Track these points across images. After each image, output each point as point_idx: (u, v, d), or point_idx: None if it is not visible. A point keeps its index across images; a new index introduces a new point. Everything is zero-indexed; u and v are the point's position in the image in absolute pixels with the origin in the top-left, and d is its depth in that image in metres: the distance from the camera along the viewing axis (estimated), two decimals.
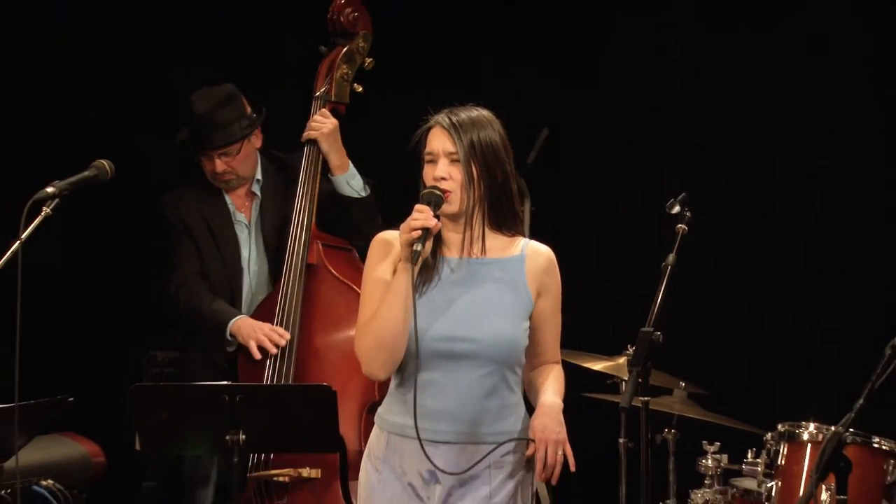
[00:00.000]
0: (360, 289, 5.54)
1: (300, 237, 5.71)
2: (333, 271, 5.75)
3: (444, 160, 4.22)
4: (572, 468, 4.22)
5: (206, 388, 5.25)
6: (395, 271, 4.22)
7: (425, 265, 4.25)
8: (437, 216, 4.18)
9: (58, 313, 6.00)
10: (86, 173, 4.87)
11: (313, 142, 5.73)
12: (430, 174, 4.23)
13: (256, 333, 5.59)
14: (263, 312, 5.73)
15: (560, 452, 4.18)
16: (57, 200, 4.73)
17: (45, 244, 4.70)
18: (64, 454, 5.35)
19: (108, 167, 4.92)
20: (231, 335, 5.65)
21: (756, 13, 6.47)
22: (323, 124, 5.71)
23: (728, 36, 6.53)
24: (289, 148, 5.91)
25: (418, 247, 4.10)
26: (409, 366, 4.26)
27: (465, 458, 4.22)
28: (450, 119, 4.25)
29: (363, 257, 5.68)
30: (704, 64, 6.54)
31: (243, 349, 5.62)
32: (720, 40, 6.54)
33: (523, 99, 5.41)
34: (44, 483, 5.11)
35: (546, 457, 4.17)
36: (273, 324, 5.65)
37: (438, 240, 4.27)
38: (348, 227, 5.84)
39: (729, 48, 6.52)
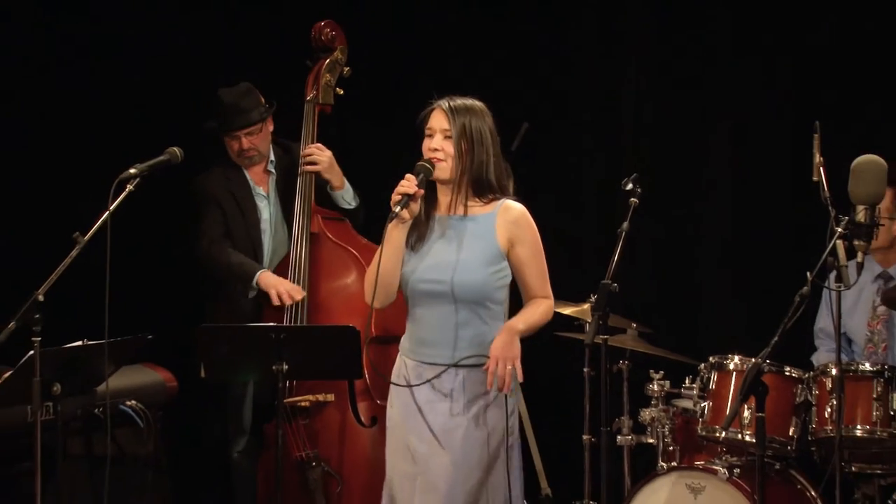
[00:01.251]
0: (354, 250, 5.71)
1: (304, 212, 5.74)
2: (332, 237, 5.79)
3: (439, 135, 4.28)
4: (520, 379, 4.23)
5: (258, 328, 5.28)
6: None
7: (419, 222, 4.31)
8: (429, 182, 4.26)
9: (139, 269, 6.00)
10: (161, 157, 4.90)
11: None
12: (427, 146, 4.29)
13: (278, 286, 5.61)
14: (279, 272, 5.75)
15: (509, 366, 4.17)
16: (138, 179, 4.76)
17: (128, 214, 4.75)
18: (144, 380, 5.38)
19: (178, 152, 4.95)
20: (256, 283, 5.66)
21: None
22: (321, 160, 5.73)
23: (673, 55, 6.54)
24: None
25: (397, 208, 4.17)
26: (408, 302, 4.37)
27: (445, 377, 4.27)
28: (449, 103, 4.30)
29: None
30: (655, 75, 6.53)
31: (266, 301, 5.64)
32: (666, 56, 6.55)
33: (507, 98, 5.39)
34: (128, 403, 5.15)
35: (497, 369, 4.17)
36: (288, 279, 5.69)
37: (433, 200, 4.34)
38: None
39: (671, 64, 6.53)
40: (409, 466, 4.32)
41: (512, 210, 4.32)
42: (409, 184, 4.19)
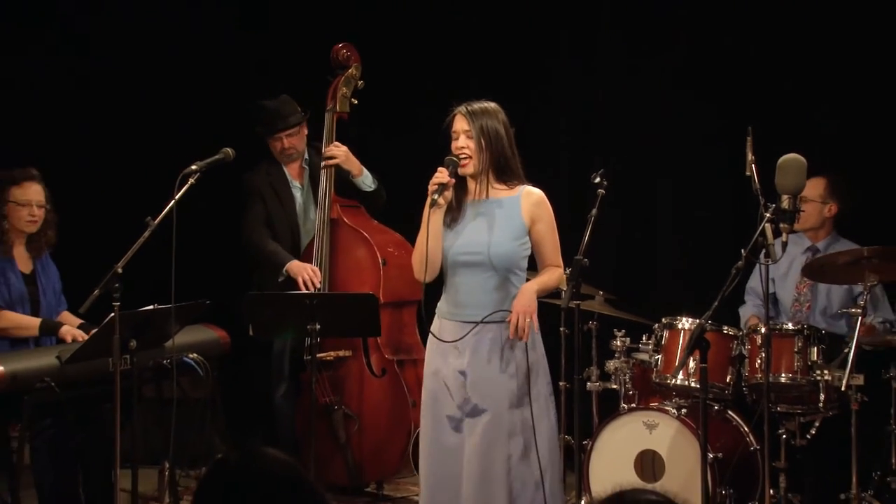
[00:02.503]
0: (364, 232, 5.71)
1: (325, 202, 5.76)
2: (347, 221, 5.81)
3: (463, 136, 4.27)
4: (536, 330, 4.27)
5: (295, 296, 5.33)
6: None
7: (451, 206, 4.30)
8: (456, 175, 4.24)
9: (198, 247, 5.99)
10: (216, 156, 4.93)
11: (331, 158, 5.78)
12: (454, 146, 4.28)
13: (302, 273, 5.63)
14: (308, 252, 5.79)
15: (528, 320, 4.20)
16: (198, 174, 4.80)
17: (190, 202, 4.78)
18: (203, 337, 5.36)
19: (230, 152, 4.97)
20: (285, 272, 5.69)
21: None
22: (338, 154, 5.74)
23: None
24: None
25: (436, 196, 4.17)
26: (444, 273, 4.34)
27: (479, 331, 4.25)
28: (467, 108, 4.29)
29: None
30: (622, 95, 6.53)
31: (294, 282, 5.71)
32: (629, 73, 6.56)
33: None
34: (190, 356, 5.11)
35: (519, 322, 4.20)
36: (312, 259, 5.70)
37: (464, 189, 4.33)
38: (365, 203, 5.90)
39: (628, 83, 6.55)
40: (453, 408, 4.28)
41: (533, 194, 4.34)
42: (442, 175, 4.20)
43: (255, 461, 1.91)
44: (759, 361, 4.97)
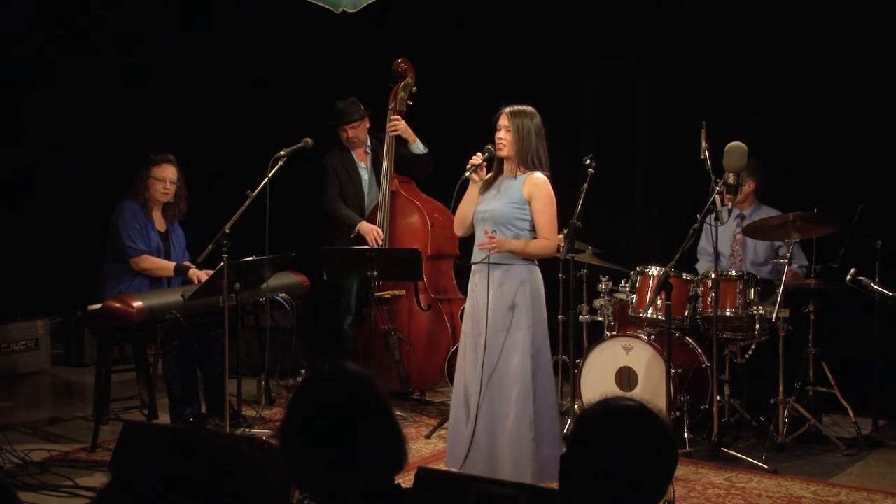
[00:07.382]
0: (417, 202, 5.62)
1: (387, 177, 5.74)
2: (404, 193, 5.80)
3: (503, 129, 4.28)
4: (492, 248, 4.25)
5: (360, 250, 5.36)
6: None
7: (489, 181, 4.33)
8: (492, 157, 4.28)
9: (286, 212, 6.05)
10: (299, 144, 4.95)
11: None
12: (497, 135, 4.29)
13: (371, 232, 5.64)
14: (372, 216, 5.79)
15: (490, 247, 4.19)
16: (285, 157, 4.83)
17: (280, 179, 4.81)
18: (290, 281, 5.41)
19: (310, 141, 4.99)
20: (357, 231, 5.68)
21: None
22: (398, 126, 5.74)
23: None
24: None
25: (468, 173, 4.24)
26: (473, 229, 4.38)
27: (485, 269, 4.28)
28: (510, 109, 4.30)
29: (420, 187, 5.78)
30: (605, 99, 6.46)
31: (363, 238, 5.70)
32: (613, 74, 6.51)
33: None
34: (280, 295, 5.18)
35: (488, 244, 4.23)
36: (376, 222, 5.69)
37: (502, 168, 4.35)
38: (417, 169, 5.87)
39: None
40: (473, 319, 4.34)
41: (534, 177, 4.28)
42: (475, 159, 4.25)
43: (341, 370, 2.04)
44: (709, 300, 4.97)
